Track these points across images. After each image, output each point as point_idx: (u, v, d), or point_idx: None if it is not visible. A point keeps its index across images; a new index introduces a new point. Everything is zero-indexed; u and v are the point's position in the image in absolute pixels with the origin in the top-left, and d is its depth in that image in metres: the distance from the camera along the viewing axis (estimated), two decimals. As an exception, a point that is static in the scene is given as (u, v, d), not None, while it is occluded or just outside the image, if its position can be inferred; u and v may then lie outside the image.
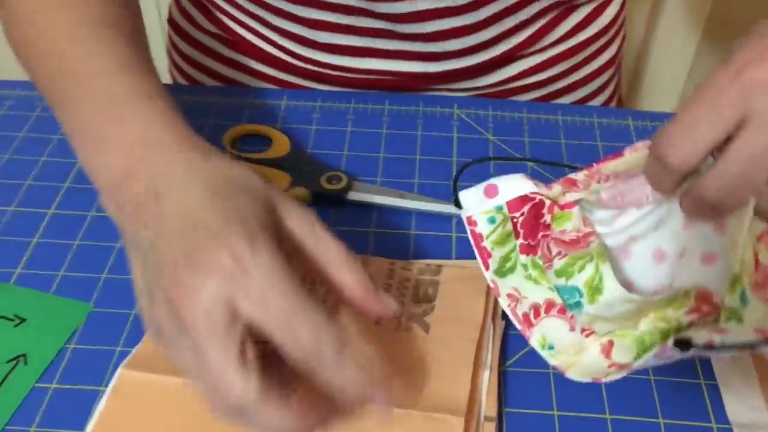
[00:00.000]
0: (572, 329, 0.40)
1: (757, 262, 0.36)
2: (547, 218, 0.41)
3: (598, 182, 0.41)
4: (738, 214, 0.37)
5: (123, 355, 0.43)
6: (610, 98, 0.75)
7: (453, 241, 0.52)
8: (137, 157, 0.36)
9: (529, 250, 0.42)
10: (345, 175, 0.55)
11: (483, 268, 0.41)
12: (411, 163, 0.58)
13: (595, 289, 0.38)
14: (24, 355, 0.43)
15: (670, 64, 1.29)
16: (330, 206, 0.54)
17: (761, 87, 0.31)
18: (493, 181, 0.41)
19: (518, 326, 0.40)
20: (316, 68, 0.64)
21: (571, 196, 0.41)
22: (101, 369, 0.43)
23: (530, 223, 0.41)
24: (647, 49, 1.29)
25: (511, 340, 0.45)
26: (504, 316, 0.44)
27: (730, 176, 0.32)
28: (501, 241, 0.41)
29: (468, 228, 0.41)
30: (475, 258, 0.41)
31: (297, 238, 0.35)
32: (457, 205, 0.42)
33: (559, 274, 0.39)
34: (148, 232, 0.33)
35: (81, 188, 0.55)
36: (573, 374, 0.38)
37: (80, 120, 0.40)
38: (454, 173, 0.57)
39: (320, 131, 0.61)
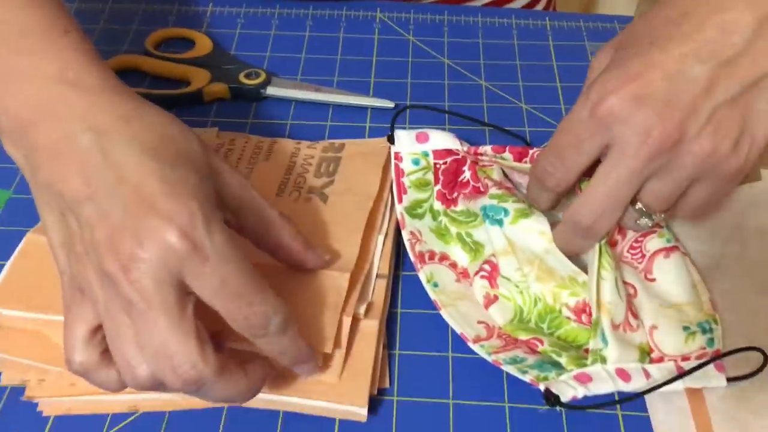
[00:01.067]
0: (458, 281, 0.43)
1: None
2: (466, 175, 0.46)
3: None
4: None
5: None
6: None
7: (367, 130, 0.54)
8: (54, 95, 0.32)
9: (444, 199, 0.46)
10: (264, 72, 0.56)
11: (396, 200, 0.45)
12: (332, 62, 0.60)
13: (522, 213, 0.42)
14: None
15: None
16: (249, 101, 0.56)
17: (616, 117, 0.34)
18: (426, 130, 0.47)
19: (412, 258, 0.43)
20: None
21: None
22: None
23: (450, 175, 0.46)
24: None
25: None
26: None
27: (600, 198, 0.36)
28: (418, 185, 0.46)
29: (393, 162, 0.46)
30: (377, 137, 0.44)
31: (236, 204, 0.35)
32: (390, 140, 0.47)
33: (493, 197, 0.43)
34: (73, 187, 0.30)
35: None
36: (446, 315, 0.41)
37: None
38: (373, 72, 0.58)
39: (244, 35, 0.62)
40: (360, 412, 0.36)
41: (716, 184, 0.36)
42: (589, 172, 0.38)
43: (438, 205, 0.46)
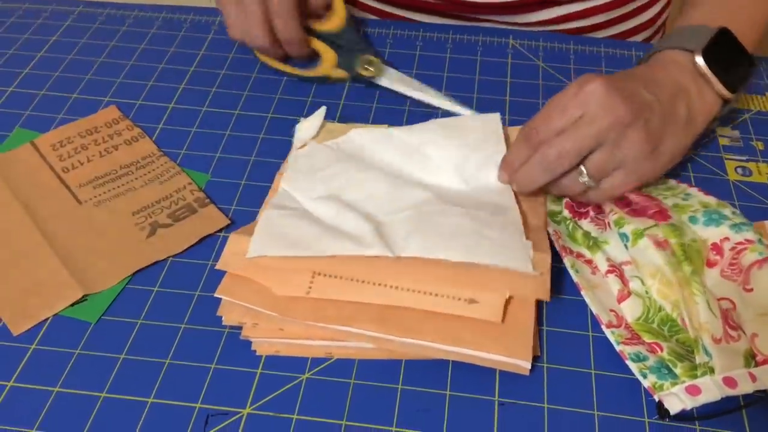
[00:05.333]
0: (593, 273, 0.50)
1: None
2: None
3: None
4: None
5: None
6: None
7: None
8: None
9: (573, 210, 0.54)
10: (378, 60, 0.67)
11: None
12: (470, 82, 0.68)
13: (638, 234, 0.49)
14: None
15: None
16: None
17: (594, 96, 0.48)
18: None
19: (557, 248, 0.51)
20: None
21: None
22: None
23: None
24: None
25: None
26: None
27: (568, 143, 0.48)
28: (551, 198, 0.55)
29: None
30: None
31: None
32: None
33: (615, 223, 0.51)
34: None
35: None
36: (586, 296, 0.48)
37: None
38: (507, 93, 0.66)
39: (392, 54, 0.71)
40: (524, 365, 0.44)
41: (631, 175, 0.50)
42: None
43: (566, 213, 0.54)
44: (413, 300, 0.46)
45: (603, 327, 0.46)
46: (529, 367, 0.44)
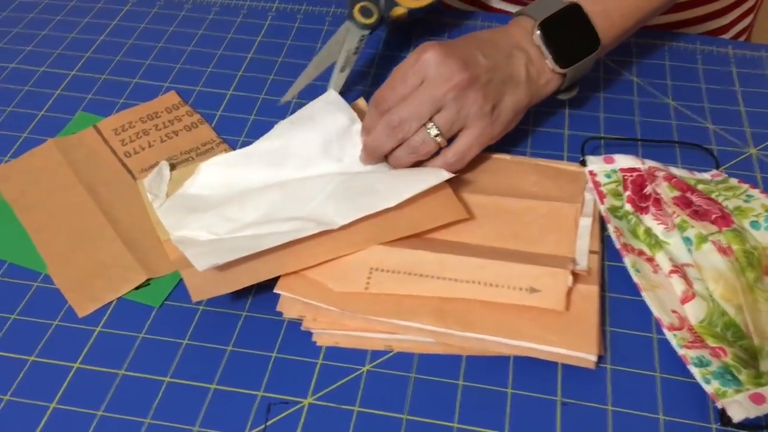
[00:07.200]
0: (655, 272, 0.49)
1: None
2: (647, 189, 0.53)
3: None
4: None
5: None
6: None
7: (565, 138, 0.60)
8: None
9: (635, 205, 0.53)
10: None
11: (599, 201, 0.53)
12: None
13: (702, 239, 0.48)
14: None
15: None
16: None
17: (432, 62, 0.51)
18: (611, 155, 0.56)
19: (617, 246, 0.50)
20: None
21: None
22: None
23: (636, 186, 0.54)
24: None
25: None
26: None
27: (411, 106, 0.51)
28: (613, 194, 0.54)
29: (590, 177, 0.55)
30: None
31: None
32: (583, 164, 0.56)
33: (679, 227, 0.50)
34: None
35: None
36: (647, 297, 0.47)
37: None
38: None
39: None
40: (590, 357, 0.43)
41: (477, 131, 0.53)
42: None
43: (628, 207, 0.53)
44: (472, 291, 0.46)
45: (664, 330, 0.46)
46: (595, 360, 0.43)
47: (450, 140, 0.53)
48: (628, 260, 0.49)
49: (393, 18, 0.64)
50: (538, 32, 0.55)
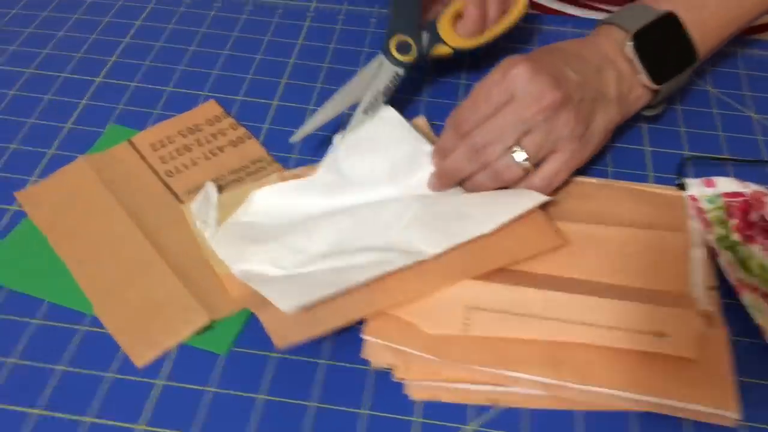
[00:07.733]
0: None
1: None
2: (752, 216, 0.49)
3: None
4: None
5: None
6: None
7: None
8: None
9: (742, 234, 0.48)
10: None
11: (705, 230, 0.49)
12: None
13: None
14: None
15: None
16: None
17: (521, 79, 0.46)
18: (712, 177, 0.51)
19: (731, 282, 0.46)
20: None
21: None
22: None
23: (742, 213, 0.49)
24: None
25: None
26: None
27: (496, 128, 0.47)
28: (718, 221, 0.49)
29: (691, 203, 0.50)
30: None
31: None
32: (681, 187, 0.51)
33: None
34: None
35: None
36: None
37: None
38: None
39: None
40: (731, 415, 0.39)
41: (566, 158, 0.48)
42: None
43: (736, 236, 0.48)
44: (588, 335, 0.41)
45: None
46: (737, 418, 0.39)
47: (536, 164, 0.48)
48: (746, 299, 0.44)
49: (434, 56, 0.57)
50: (631, 44, 0.50)
